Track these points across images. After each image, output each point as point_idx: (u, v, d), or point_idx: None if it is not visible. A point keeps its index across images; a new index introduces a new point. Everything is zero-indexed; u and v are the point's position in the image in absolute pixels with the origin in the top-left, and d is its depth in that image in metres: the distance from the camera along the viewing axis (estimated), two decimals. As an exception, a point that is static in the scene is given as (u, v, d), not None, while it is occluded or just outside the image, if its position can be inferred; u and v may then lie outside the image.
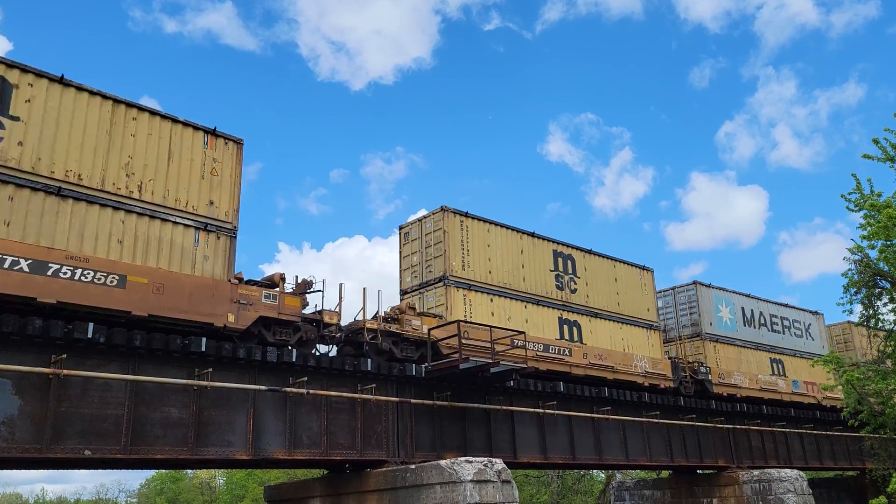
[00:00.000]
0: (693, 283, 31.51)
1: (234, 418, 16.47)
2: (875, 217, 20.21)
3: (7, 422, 13.46)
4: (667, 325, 31.37)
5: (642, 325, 27.62)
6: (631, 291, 27.62)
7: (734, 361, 30.79)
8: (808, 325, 35.51)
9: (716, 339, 30.71)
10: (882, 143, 20.67)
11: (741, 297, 32.99)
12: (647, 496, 32.74)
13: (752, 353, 32.02)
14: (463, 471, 16.73)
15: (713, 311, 31.17)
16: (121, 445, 14.62)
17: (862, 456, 35.50)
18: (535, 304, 23.82)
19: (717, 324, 31.09)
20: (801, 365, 33.76)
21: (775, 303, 34.69)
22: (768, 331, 33.44)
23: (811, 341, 35.33)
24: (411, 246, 22.96)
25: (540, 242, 24.99)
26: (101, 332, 14.48)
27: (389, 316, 20.14)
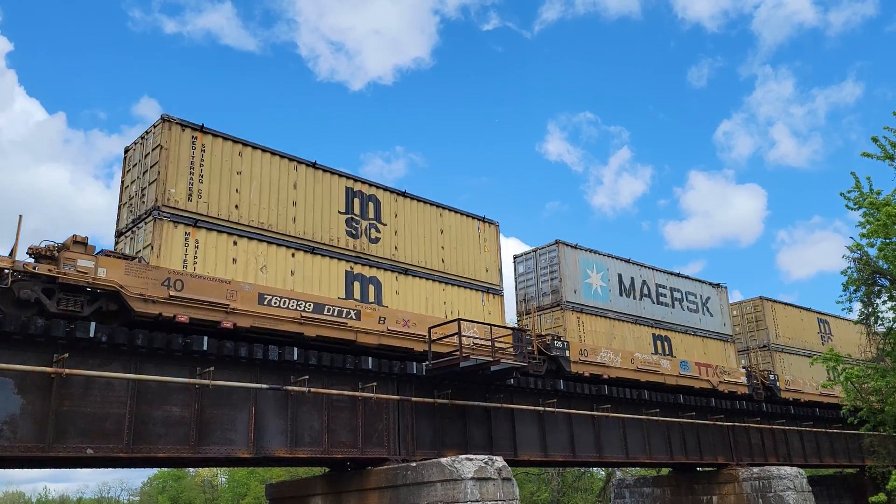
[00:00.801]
0: (555, 243, 26.13)
1: (235, 417, 16.53)
2: (874, 215, 20.24)
3: (9, 421, 13.52)
4: (527, 293, 26.46)
5: (478, 287, 22.42)
6: (464, 247, 22.55)
7: (604, 336, 25.73)
8: (706, 298, 30.90)
9: (580, 310, 25.43)
10: (881, 142, 20.69)
11: (619, 261, 28.00)
12: (648, 494, 32.81)
13: (630, 328, 26.97)
14: (464, 468, 16.80)
15: (580, 276, 25.97)
16: (123, 444, 14.68)
17: (861, 453, 35.56)
18: (311, 253, 18.57)
19: (583, 291, 25.92)
20: (694, 343, 29.24)
21: (665, 271, 29.85)
22: (653, 303, 28.33)
23: (709, 317, 30.59)
24: (132, 173, 17.71)
25: (325, 176, 19.65)
26: (102, 332, 14.54)
27: (38, 252, 14.61)
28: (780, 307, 35.11)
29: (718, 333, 30.65)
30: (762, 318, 34.25)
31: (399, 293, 20.34)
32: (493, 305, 22.76)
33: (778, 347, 33.82)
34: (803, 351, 34.65)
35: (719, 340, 30.66)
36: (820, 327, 36.94)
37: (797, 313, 35.97)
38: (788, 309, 35.62)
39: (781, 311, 35.07)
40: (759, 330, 34.28)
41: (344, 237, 19.60)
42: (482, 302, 22.43)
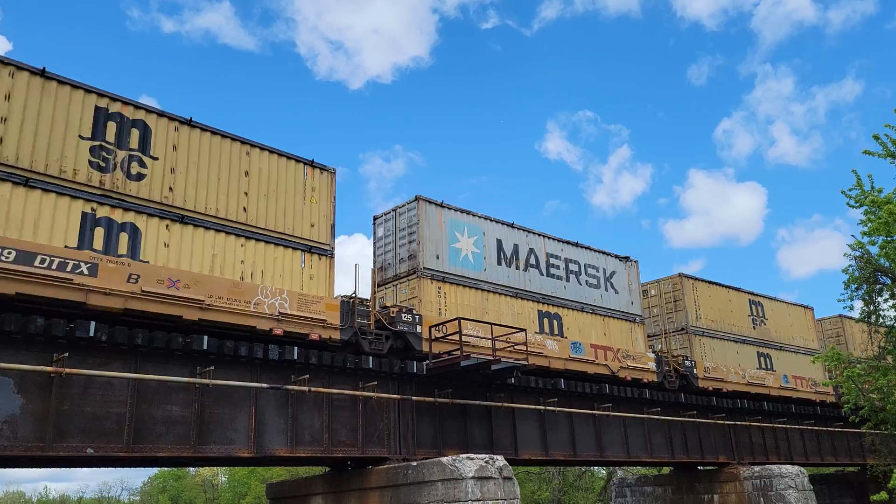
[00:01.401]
0: (415, 199, 21.87)
1: (236, 416, 16.51)
2: (876, 213, 20.21)
3: (9, 420, 13.49)
4: (385, 260, 22.28)
5: (297, 245, 18.27)
6: (280, 195, 18.39)
7: (472, 311, 21.72)
8: (610, 272, 26.80)
9: (441, 278, 21.29)
10: (882, 139, 20.67)
11: (499, 225, 23.79)
12: (649, 492, 32.79)
13: (510, 302, 23.06)
14: (464, 467, 16.78)
15: (445, 240, 21.79)
16: (123, 443, 14.66)
17: (863, 452, 35.54)
18: (23, 186, 14.14)
19: (449, 258, 21.71)
20: (592, 323, 25.31)
21: (559, 239, 25.65)
22: (541, 274, 24.34)
23: (613, 294, 26.60)
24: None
25: (61, 90, 15.26)
26: (102, 331, 14.51)
27: None
28: (703, 286, 30.99)
29: (624, 313, 26.55)
30: (681, 297, 29.95)
31: (170, 246, 16.00)
32: (317, 269, 18.46)
33: (698, 331, 29.53)
34: (730, 335, 30.89)
35: (624, 321, 26.45)
36: (752, 309, 32.67)
37: (724, 293, 31.80)
38: (714, 288, 31.42)
39: (705, 290, 30.89)
40: (677, 311, 30.03)
41: (85, 169, 15.09)
42: (302, 264, 18.30)
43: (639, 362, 25.97)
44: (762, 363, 31.63)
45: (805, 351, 34.08)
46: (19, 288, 13.47)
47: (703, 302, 30.48)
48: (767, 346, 32.32)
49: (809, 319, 35.87)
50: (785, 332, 33.68)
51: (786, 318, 34.19)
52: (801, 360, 33.54)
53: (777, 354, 32.55)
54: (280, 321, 16.88)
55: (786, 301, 35.08)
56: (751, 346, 31.54)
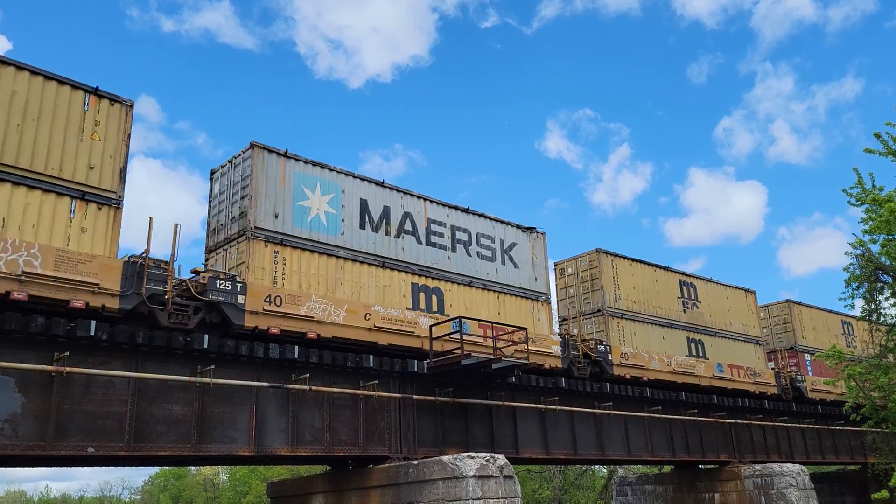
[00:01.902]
0: (250, 147, 18.44)
1: (236, 415, 16.50)
2: (877, 211, 20.21)
3: (10, 419, 13.49)
4: (219, 220, 18.84)
5: (64, 191, 14.63)
6: (43, 127, 14.71)
7: (325, 281, 18.52)
8: (509, 245, 23.58)
9: (279, 241, 17.86)
10: (883, 137, 20.65)
11: (365, 183, 20.39)
12: (650, 491, 32.78)
13: (374, 273, 19.64)
14: (465, 466, 16.77)
15: (289, 196, 18.45)
16: (124, 442, 14.65)
17: (864, 450, 35.51)
18: None
19: (294, 218, 18.37)
20: (484, 300, 22.21)
21: (446, 204, 22.36)
22: (419, 242, 21.06)
23: (512, 269, 23.32)
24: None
25: None
26: (103, 330, 14.51)
27: None
28: (625, 263, 28.04)
29: (525, 290, 23.41)
30: (598, 275, 26.90)
31: None
32: (95, 221, 14.92)
33: (617, 312, 26.48)
34: (656, 319, 27.87)
35: (525, 298, 23.34)
36: (683, 291, 29.70)
37: (649, 273, 28.87)
38: (637, 266, 28.52)
39: (626, 267, 27.99)
40: (594, 290, 26.97)
41: None
42: (71, 213, 14.68)
43: (541, 346, 22.49)
44: (693, 350, 28.78)
45: (745, 338, 31.50)
46: None
47: (624, 281, 27.38)
48: (700, 331, 29.44)
49: (751, 304, 32.92)
50: (721, 317, 30.81)
51: (722, 302, 31.30)
52: (739, 347, 30.91)
53: (711, 341, 29.72)
54: (24, 283, 13.40)
55: (723, 283, 32.11)
56: (680, 332, 28.58)
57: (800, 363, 34.33)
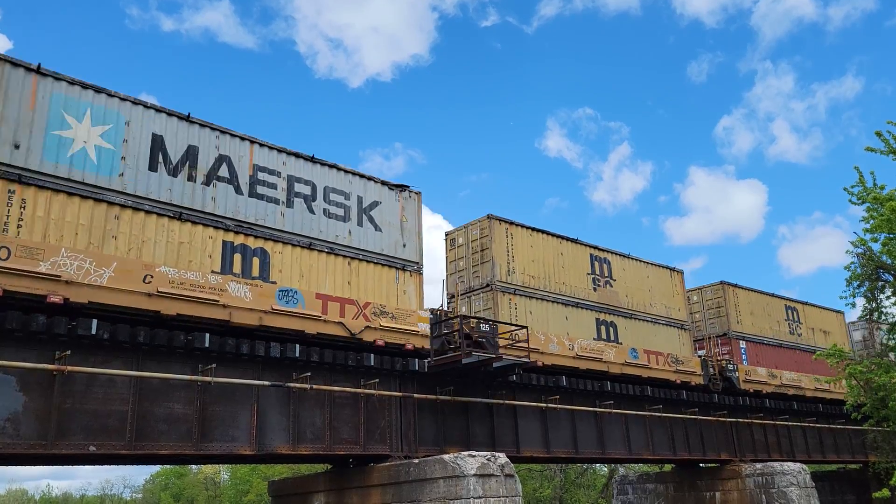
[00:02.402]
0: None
1: (237, 414, 16.52)
2: (878, 210, 20.20)
3: (12, 418, 13.51)
4: None
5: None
6: None
7: (88, 232, 14.83)
8: (369, 203, 20.01)
9: (17, 178, 14.05)
10: (885, 136, 20.64)
11: (160, 115, 16.62)
12: (650, 490, 32.80)
13: (166, 226, 16.03)
14: (466, 465, 16.77)
15: (41, 121, 14.67)
16: (125, 441, 14.67)
17: (865, 449, 35.52)
18: None
19: (45, 149, 14.56)
20: (328, 266, 18.62)
21: (279, 149, 18.63)
22: (238, 193, 17.46)
23: (372, 232, 19.78)
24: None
25: None
26: (104, 329, 14.51)
27: None
28: (523, 233, 24.10)
29: (389, 257, 19.94)
30: (489, 245, 23.15)
31: None
32: None
33: (509, 288, 22.81)
34: (558, 296, 24.36)
35: (388, 267, 19.88)
36: (595, 267, 26.22)
37: (553, 244, 24.97)
38: (538, 237, 24.62)
39: (524, 238, 24.13)
40: (483, 262, 23.23)
41: None
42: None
43: (403, 322, 19.15)
44: (604, 333, 25.40)
45: (667, 321, 28.16)
46: None
47: (520, 253, 23.80)
48: (614, 312, 26.09)
49: (677, 285, 29.54)
50: (640, 298, 27.45)
51: (642, 281, 28.02)
52: (660, 332, 27.68)
53: (626, 324, 26.41)
54: None
55: (644, 260, 28.74)
56: (588, 312, 25.18)
57: (734, 351, 31.16)
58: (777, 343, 33.52)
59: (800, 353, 34.32)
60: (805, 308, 36.33)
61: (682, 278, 30.06)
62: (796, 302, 35.97)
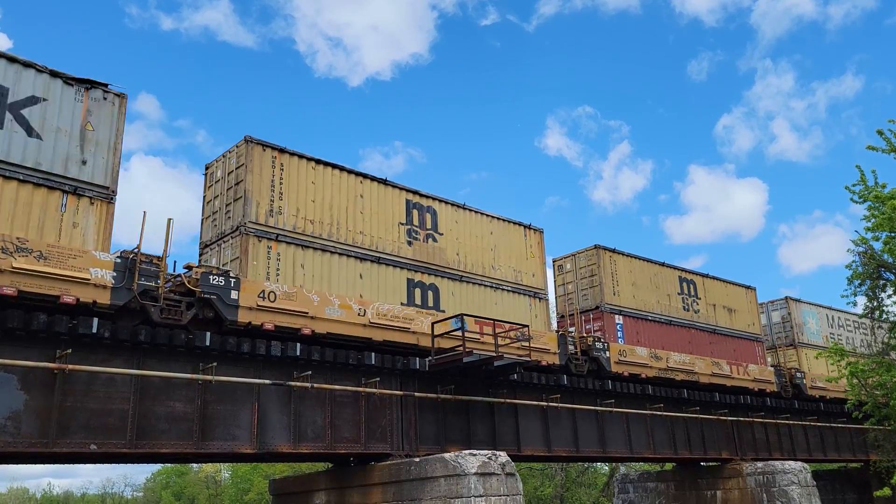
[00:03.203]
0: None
1: (238, 412, 16.52)
2: (879, 209, 20.19)
3: (13, 417, 13.51)
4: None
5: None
6: None
7: None
8: (25, 97, 14.61)
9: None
10: (886, 135, 20.63)
11: None
12: (651, 488, 32.80)
13: None
14: (467, 464, 16.77)
15: None
16: (126, 440, 14.67)
17: (866, 448, 35.52)
18: None
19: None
20: None
21: None
22: None
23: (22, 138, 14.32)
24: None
25: None
26: (105, 328, 14.52)
27: None
28: (300, 164, 18.89)
29: (48, 176, 14.45)
30: (244, 177, 17.90)
31: None
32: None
33: (269, 233, 17.74)
34: (350, 248, 19.26)
35: (48, 189, 14.41)
36: (411, 216, 21.11)
37: (347, 183, 19.88)
38: (323, 171, 19.39)
39: (302, 172, 18.91)
40: (236, 200, 18.04)
41: None
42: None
43: (69, 267, 13.96)
44: (418, 298, 20.25)
45: (514, 287, 22.76)
46: None
47: (293, 189, 18.60)
48: (436, 272, 20.81)
49: (533, 246, 24.02)
50: (478, 258, 22.19)
51: (482, 239, 22.49)
52: (505, 300, 22.48)
53: (455, 288, 21.23)
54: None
55: (488, 213, 23.22)
56: (398, 271, 20.06)
57: (606, 327, 25.69)
58: (666, 320, 27.96)
59: (697, 333, 29.29)
60: (705, 281, 30.84)
61: (542, 238, 24.50)
62: (694, 274, 30.60)
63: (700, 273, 30.90)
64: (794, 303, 36.14)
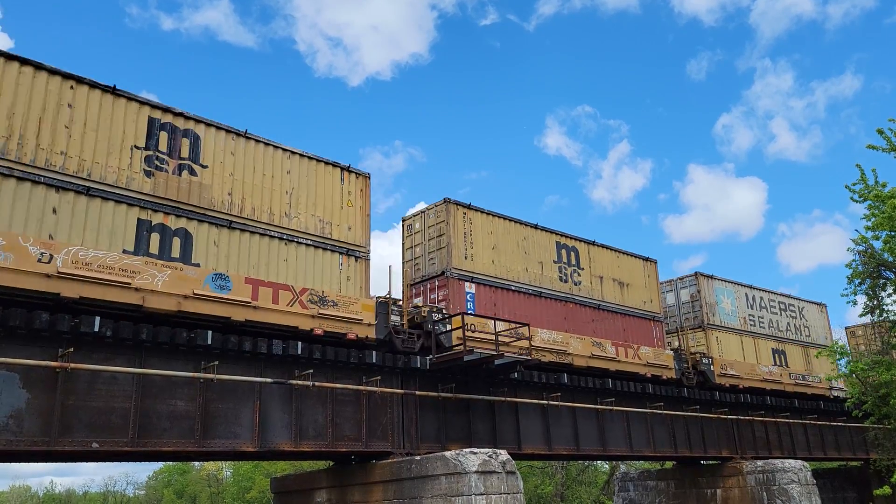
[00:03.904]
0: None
1: (240, 411, 16.56)
2: (879, 208, 20.19)
3: (15, 415, 13.55)
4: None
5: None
6: None
7: None
8: None
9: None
10: (886, 134, 20.62)
11: None
12: (651, 487, 32.84)
13: None
14: (468, 462, 16.81)
15: None
16: (128, 438, 14.71)
17: (866, 446, 35.54)
18: None
19: None
20: None
21: None
22: None
23: None
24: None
25: None
26: (107, 326, 14.56)
27: None
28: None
29: None
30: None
31: None
32: None
33: None
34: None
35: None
36: (157, 140, 16.39)
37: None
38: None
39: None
40: None
41: None
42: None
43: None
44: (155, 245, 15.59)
45: (317, 242, 18.63)
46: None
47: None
48: (188, 215, 16.32)
49: (354, 193, 19.89)
50: (262, 201, 17.83)
51: (274, 178, 18.28)
52: (299, 256, 18.14)
53: (222, 237, 16.88)
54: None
55: (282, 146, 18.77)
56: (127, 207, 15.46)
57: (452, 297, 20.99)
58: (536, 291, 23.32)
59: (576, 308, 24.49)
60: (592, 249, 25.97)
61: (367, 185, 20.27)
62: (577, 240, 25.65)
63: (585, 240, 25.87)
64: (705, 279, 31.41)
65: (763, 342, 32.63)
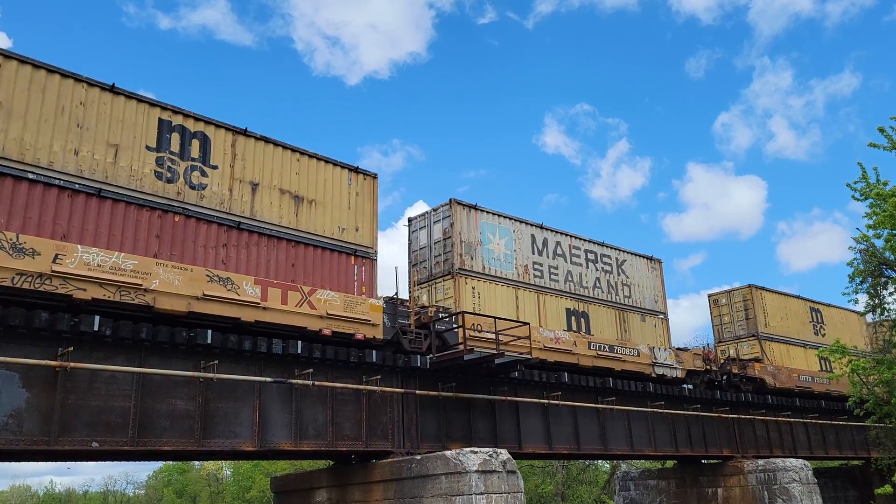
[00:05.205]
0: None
1: (240, 410, 16.53)
2: (881, 206, 20.15)
3: (14, 414, 13.52)
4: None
5: None
6: None
7: None
8: None
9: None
10: (888, 132, 20.59)
11: None
12: (652, 486, 32.81)
13: None
14: (468, 461, 16.78)
15: None
16: (128, 437, 14.69)
17: (867, 445, 35.50)
18: None
19: None
20: None
21: None
22: None
23: None
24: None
25: None
26: (107, 325, 14.54)
27: None
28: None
29: None
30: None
31: None
32: None
33: None
34: None
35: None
36: None
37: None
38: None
39: None
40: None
41: None
42: None
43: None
44: None
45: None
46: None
47: None
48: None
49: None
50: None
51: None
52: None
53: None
54: None
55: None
56: None
57: None
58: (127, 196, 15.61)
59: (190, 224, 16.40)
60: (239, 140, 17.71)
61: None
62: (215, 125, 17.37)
63: (226, 125, 17.56)
64: (464, 209, 22.96)
65: (553, 299, 24.43)
